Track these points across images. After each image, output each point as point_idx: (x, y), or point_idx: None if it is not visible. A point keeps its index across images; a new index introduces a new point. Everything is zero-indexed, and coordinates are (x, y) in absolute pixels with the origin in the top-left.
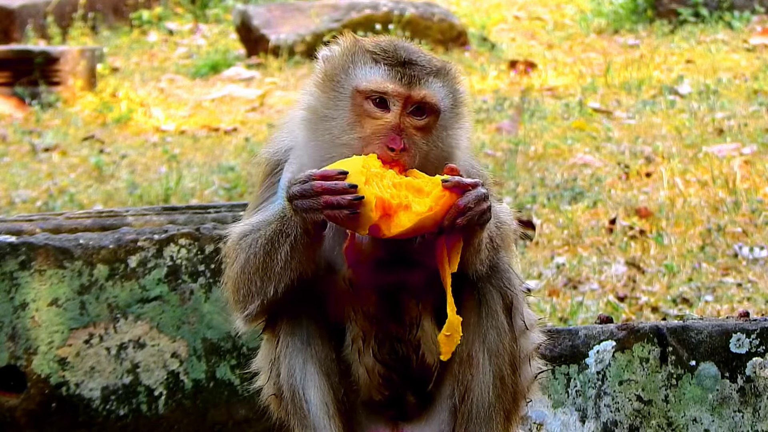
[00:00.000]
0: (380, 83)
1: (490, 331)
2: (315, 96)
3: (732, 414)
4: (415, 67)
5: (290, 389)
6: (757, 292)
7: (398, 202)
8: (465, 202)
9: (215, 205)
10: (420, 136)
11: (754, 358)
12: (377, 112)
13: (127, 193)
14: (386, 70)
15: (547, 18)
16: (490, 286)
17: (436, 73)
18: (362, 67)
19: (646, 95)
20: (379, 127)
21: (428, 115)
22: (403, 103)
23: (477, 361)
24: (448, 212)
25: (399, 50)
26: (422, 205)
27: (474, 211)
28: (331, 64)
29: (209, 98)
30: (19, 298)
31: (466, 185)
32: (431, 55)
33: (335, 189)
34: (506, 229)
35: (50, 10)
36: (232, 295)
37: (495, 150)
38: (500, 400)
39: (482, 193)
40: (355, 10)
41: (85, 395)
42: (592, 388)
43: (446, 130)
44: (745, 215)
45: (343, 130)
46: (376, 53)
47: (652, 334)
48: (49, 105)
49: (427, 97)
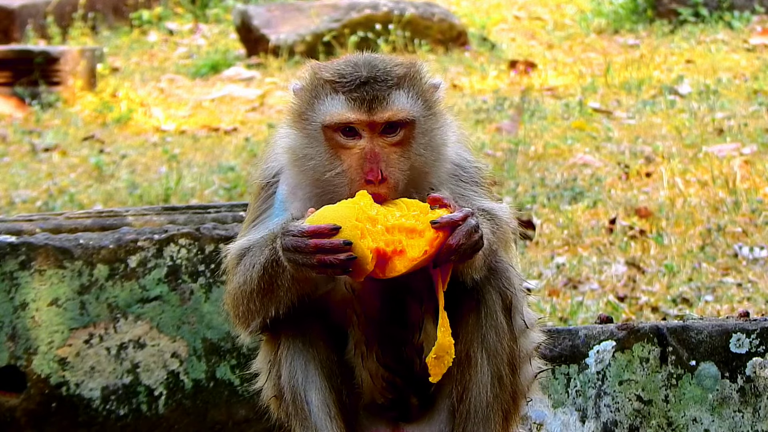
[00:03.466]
0: (341, 114)
1: (489, 331)
2: (292, 136)
3: (732, 414)
4: (375, 86)
5: (291, 391)
6: (757, 292)
7: (393, 248)
8: (455, 241)
9: (215, 205)
10: (399, 152)
11: (754, 358)
12: (349, 141)
13: (127, 193)
14: (345, 98)
15: (547, 18)
16: (489, 286)
17: (399, 84)
18: (324, 100)
19: (646, 95)
20: (355, 157)
21: (401, 129)
22: (370, 127)
23: (475, 361)
24: (440, 251)
25: (358, 71)
26: (416, 250)
27: (466, 245)
28: (299, 100)
29: (209, 98)
30: (19, 298)
31: (456, 222)
32: (395, 63)
33: (330, 248)
34: (505, 229)
35: (50, 10)
36: (232, 311)
37: (495, 150)
38: (498, 400)
39: (473, 225)
40: (355, 10)
41: (85, 395)
42: (592, 388)
43: (427, 134)
44: (745, 215)
45: (324, 167)
46: (335, 81)
47: (652, 334)
48: (49, 105)
49: (392, 116)
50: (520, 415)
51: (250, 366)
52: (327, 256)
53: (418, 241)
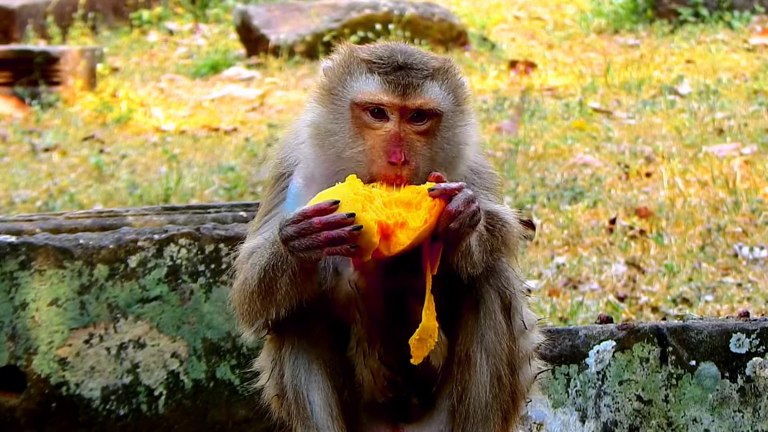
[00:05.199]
0: (375, 94)
1: (488, 332)
2: (317, 111)
3: (732, 414)
4: (410, 72)
5: (294, 390)
6: (757, 292)
7: (394, 221)
8: (454, 206)
9: (215, 205)
10: (423, 142)
11: (754, 358)
12: (376, 122)
13: (127, 193)
14: (380, 79)
15: (547, 18)
16: (488, 287)
17: (434, 76)
18: (358, 78)
19: (646, 95)
20: (379, 138)
21: (429, 119)
22: (400, 112)
23: (474, 361)
24: (439, 219)
25: (395, 56)
26: (417, 220)
27: (465, 213)
28: (329, 77)
29: (209, 98)
30: (19, 298)
31: (452, 190)
32: (430, 56)
33: (334, 222)
34: (512, 233)
35: (50, 10)
36: (237, 309)
37: (495, 150)
38: (498, 400)
39: (469, 195)
40: (355, 10)
41: (85, 395)
42: (592, 388)
43: (451, 129)
44: (745, 215)
45: (346, 144)
46: (372, 62)
47: (652, 334)
48: (49, 105)
49: (423, 105)
50: (519, 416)
51: (251, 365)
52: (333, 231)
53: (417, 212)
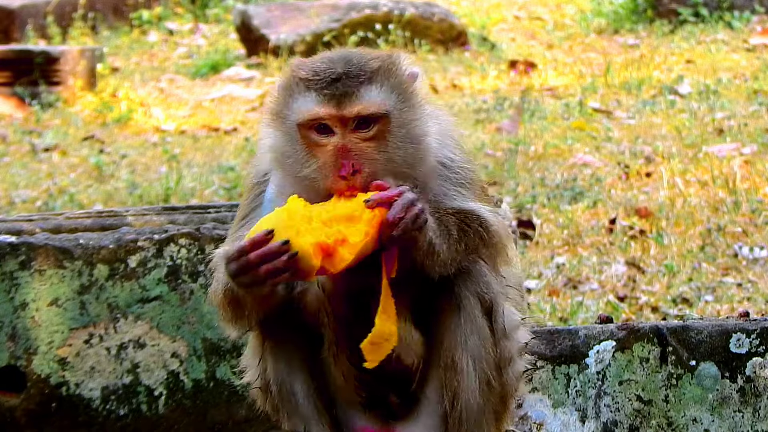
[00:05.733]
0: (312, 111)
1: (471, 337)
2: (271, 135)
3: (732, 414)
4: (346, 82)
5: (277, 383)
6: (757, 292)
7: (334, 239)
8: (392, 214)
9: (215, 205)
10: (375, 147)
11: (754, 358)
12: (323, 139)
13: (127, 193)
14: (316, 95)
15: (547, 18)
16: (466, 291)
17: (372, 79)
18: (297, 99)
19: (646, 95)
20: (328, 153)
21: (375, 124)
22: (341, 123)
23: (461, 367)
24: (381, 228)
25: (332, 67)
26: (357, 234)
27: (405, 219)
28: (276, 100)
29: (209, 98)
30: (19, 298)
31: (389, 198)
32: (371, 57)
33: (269, 253)
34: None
35: (50, 10)
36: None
37: (495, 150)
38: (489, 403)
39: (409, 200)
40: (355, 10)
41: (85, 395)
42: (592, 388)
43: (404, 127)
44: (745, 215)
45: (301, 165)
46: (308, 79)
47: (652, 334)
48: (49, 105)
49: (362, 111)
50: (510, 415)
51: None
52: (270, 264)
53: (357, 226)
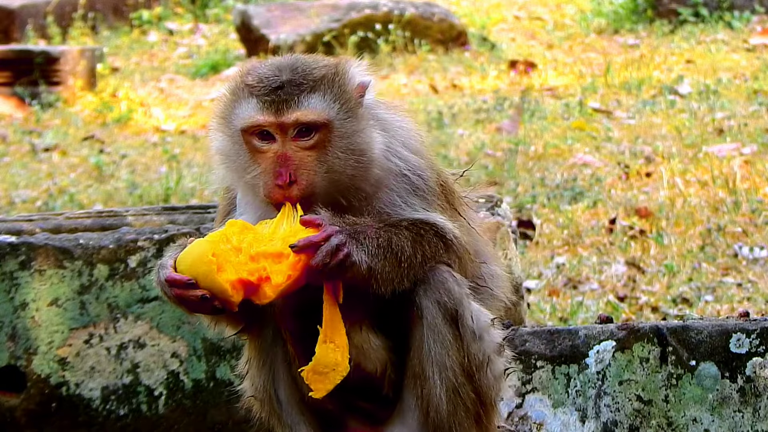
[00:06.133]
0: (252, 117)
1: (434, 346)
2: (218, 138)
3: (732, 414)
4: (287, 89)
5: (264, 389)
6: (757, 292)
7: (257, 276)
8: (317, 261)
9: (215, 205)
10: (315, 156)
11: (754, 358)
12: (264, 145)
13: (127, 193)
14: (257, 101)
15: (547, 18)
16: (426, 300)
17: (314, 87)
18: (241, 104)
19: (646, 95)
20: (269, 161)
21: (315, 133)
22: (279, 129)
23: (427, 375)
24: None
25: (276, 75)
26: (280, 275)
27: (331, 265)
28: (223, 104)
29: (209, 98)
30: (19, 298)
31: (317, 243)
32: (316, 65)
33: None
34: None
35: (50, 10)
36: None
37: (495, 150)
38: (461, 409)
39: (333, 245)
40: (355, 10)
41: (85, 395)
42: (592, 388)
43: (346, 138)
44: (745, 215)
45: (244, 170)
46: (252, 86)
47: (652, 334)
48: (49, 105)
49: (301, 117)
50: (496, 414)
51: None
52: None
53: (281, 267)
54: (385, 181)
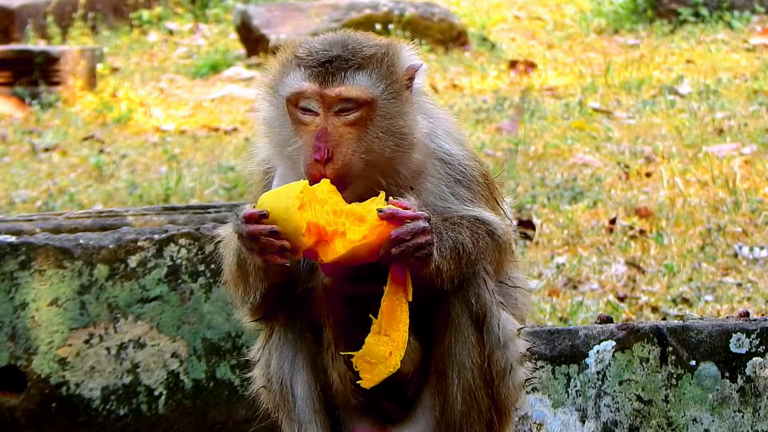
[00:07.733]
0: (297, 86)
1: (457, 346)
2: (264, 107)
3: (732, 414)
4: (334, 62)
5: (279, 381)
6: (757, 292)
7: (334, 228)
8: (397, 233)
9: (215, 205)
10: (354, 134)
11: (754, 358)
12: (306, 117)
13: (127, 193)
14: (304, 71)
15: (547, 18)
16: (456, 301)
17: (362, 65)
18: (288, 74)
19: (646, 95)
20: (310, 134)
21: (357, 109)
22: (322, 102)
23: (447, 374)
24: (382, 241)
25: (326, 48)
26: (357, 233)
27: (408, 244)
28: (271, 74)
29: (209, 98)
30: (19, 298)
31: (403, 217)
32: (367, 44)
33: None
34: (494, 234)
35: (50, 10)
36: (228, 291)
37: (495, 150)
38: (474, 412)
39: (420, 227)
40: (355, 10)
41: (85, 395)
42: (592, 388)
43: (388, 118)
44: (745, 215)
45: (286, 141)
46: (302, 57)
47: (652, 334)
48: (49, 105)
49: (344, 92)
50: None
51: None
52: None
53: (360, 228)
54: (426, 167)
